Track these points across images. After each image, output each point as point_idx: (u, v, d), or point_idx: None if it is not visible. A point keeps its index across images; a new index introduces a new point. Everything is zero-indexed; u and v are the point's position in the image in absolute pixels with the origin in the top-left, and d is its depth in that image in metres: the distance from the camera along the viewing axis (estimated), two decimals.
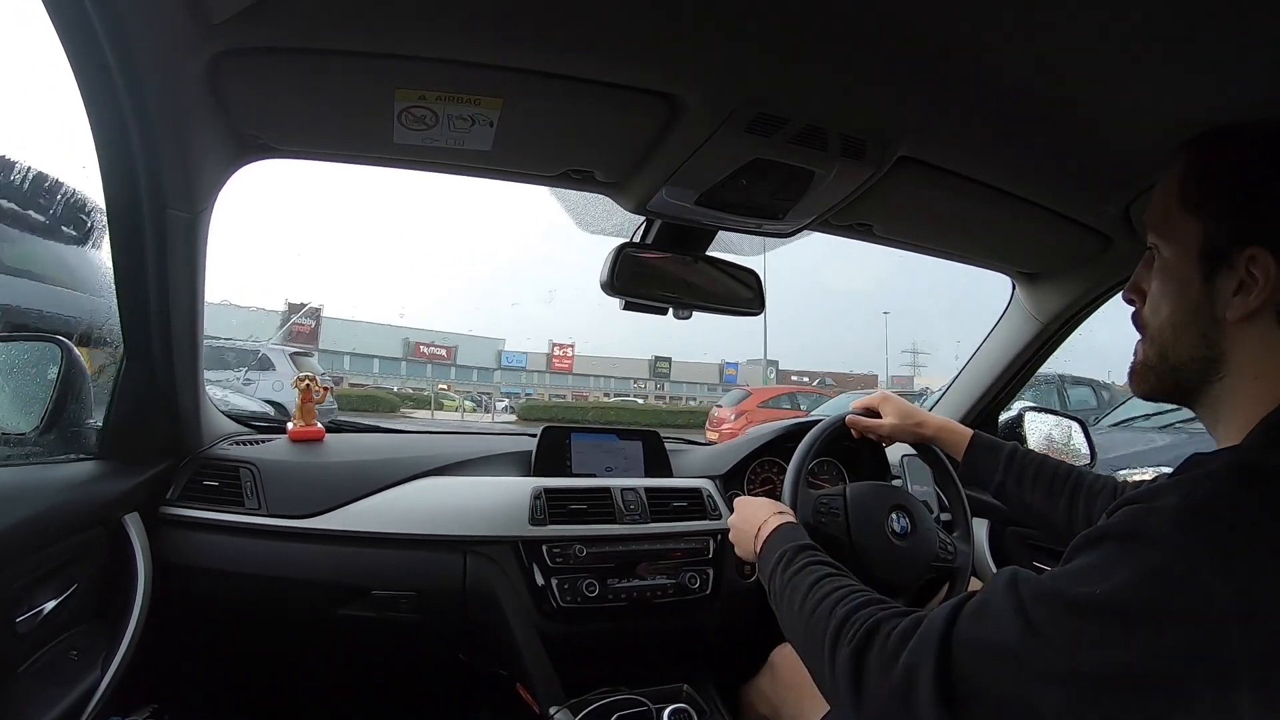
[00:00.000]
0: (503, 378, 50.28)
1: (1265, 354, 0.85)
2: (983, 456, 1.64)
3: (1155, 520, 0.75)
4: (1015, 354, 2.28)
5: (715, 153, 1.38)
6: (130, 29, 1.02)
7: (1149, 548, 0.74)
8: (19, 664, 1.30)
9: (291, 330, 27.62)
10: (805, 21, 1.05)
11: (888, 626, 0.95)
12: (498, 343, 54.31)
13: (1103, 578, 0.75)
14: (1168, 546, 0.73)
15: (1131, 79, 1.13)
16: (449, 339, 53.20)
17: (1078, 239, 1.77)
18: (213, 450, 1.88)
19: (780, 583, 1.23)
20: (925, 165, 1.48)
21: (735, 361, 57.33)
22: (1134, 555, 0.75)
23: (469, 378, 50.21)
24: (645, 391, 53.40)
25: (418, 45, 1.12)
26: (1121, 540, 0.77)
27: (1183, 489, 0.77)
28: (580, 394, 48.14)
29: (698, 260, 1.83)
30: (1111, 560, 0.76)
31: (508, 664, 1.86)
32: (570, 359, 52.48)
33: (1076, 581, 0.77)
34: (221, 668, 2.09)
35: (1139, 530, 0.76)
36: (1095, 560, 0.78)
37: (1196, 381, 0.91)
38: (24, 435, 1.52)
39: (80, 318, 3.49)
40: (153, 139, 1.22)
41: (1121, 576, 0.74)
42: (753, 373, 53.66)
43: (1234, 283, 0.85)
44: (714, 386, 55.06)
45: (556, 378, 53.22)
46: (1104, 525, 0.80)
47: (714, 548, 2.03)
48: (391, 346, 48.97)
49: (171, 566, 1.64)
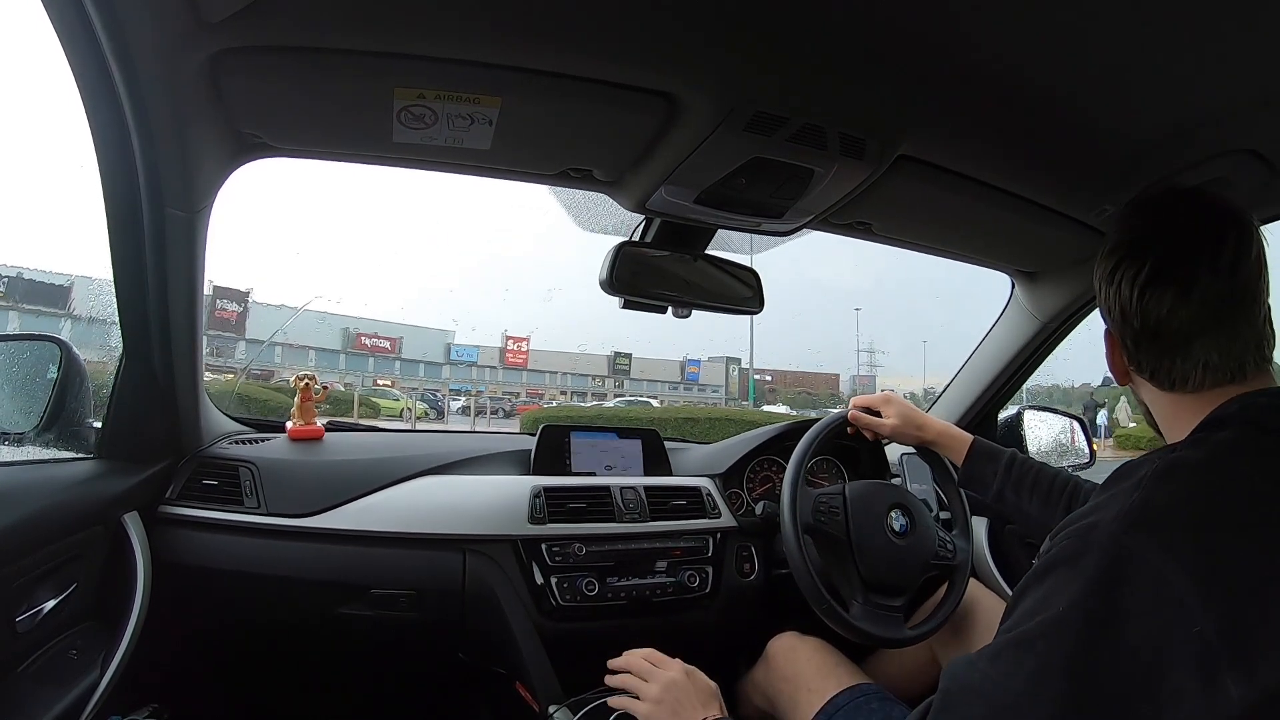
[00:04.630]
0: (452, 373, 47.56)
1: (1150, 397, 1.06)
2: (981, 463, 1.69)
3: (1098, 533, 0.80)
4: (1015, 352, 2.28)
5: (714, 151, 1.37)
6: (128, 28, 1.02)
7: (1097, 555, 0.78)
8: (18, 664, 1.30)
9: (214, 316, 26.50)
10: (803, 20, 1.05)
11: None
12: (447, 335, 50.79)
13: (1057, 599, 0.79)
14: (1115, 550, 0.78)
15: (1130, 78, 1.14)
16: (394, 330, 48.66)
17: (1077, 237, 1.77)
18: (212, 449, 1.88)
19: None
20: (924, 164, 1.48)
21: (698, 359, 56.83)
22: (1085, 567, 0.78)
23: (415, 372, 47.29)
24: (627, 392, 51.16)
25: (416, 44, 1.12)
26: (1069, 561, 0.81)
27: (1119, 498, 0.83)
28: (534, 391, 46.48)
29: (697, 259, 1.83)
30: (1063, 581, 0.80)
31: (507, 662, 1.85)
32: (525, 354, 49.84)
33: (1032, 616, 0.80)
34: (221, 666, 2.09)
35: (1083, 546, 0.81)
36: (1043, 592, 0.82)
37: (1155, 422, 1.07)
38: (23, 434, 1.53)
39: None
40: (151, 138, 1.22)
41: (1077, 590, 0.77)
42: (715, 370, 53.38)
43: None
44: (676, 384, 54.30)
45: (510, 374, 50.28)
46: (1043, 561, 0.85)
47: (713, 546, 2.03)
48: (329, 337, 44.20)
49: (171, 566, 1.64)
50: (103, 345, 1.72)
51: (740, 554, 2.07)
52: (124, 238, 1.40)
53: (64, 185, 78.26)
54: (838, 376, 63.32)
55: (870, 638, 1.62)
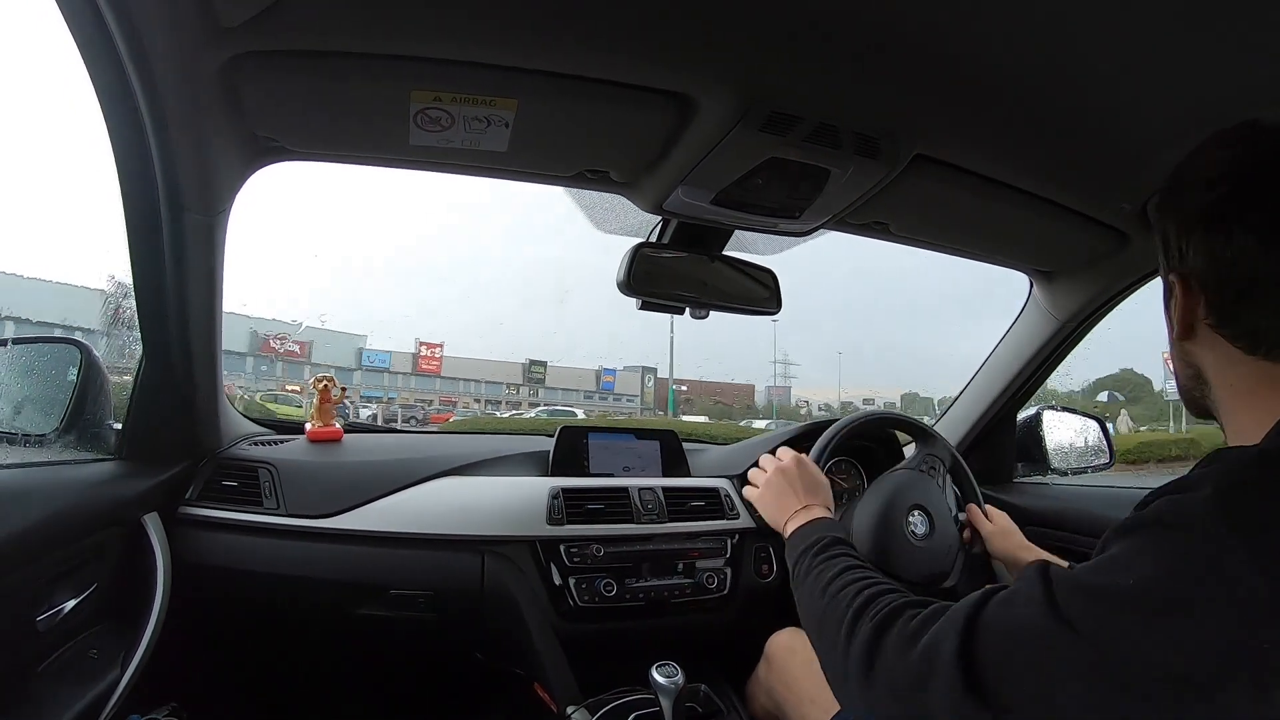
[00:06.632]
0: (364, 379, 45.15)
1: (1221, 362, 0.90)
2: None
3: (1188, 508, 0.74)
4: (1034, 352, 2.26)
5: (730, 152, 1.37)
6: (144, 33, 1.02)
7: (1181, 534, 0.73)
8: (39, 662, 1.31)
9: (115, 315, 26.18)
10: (817, 20, 1.04)
11: (913, 610, 0.95)
12: (359, 339, 48.08)
13: (1133, 567, 0.74)
14: (1200, 533, 0.72)
15: (1146, 75, 1.13)
16: (304, 333, 44.53)
17: (1095, 237, 1.76)
18: (231, 450, 1.90)
19: (808, 565, 1.23)
20: (941, 164, 1.47)
21: (613, 368, 54.97)
22: (1165, 543, 0.74)
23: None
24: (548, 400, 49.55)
25: (432, 47, 1.12)
26: (1153, 528, 0.76)
27: (1213, 478, 0.76)
28: (448, 398, 44.42)
29: (714, 260, 1.82)
30: (1143, 549, 0.75)
31: (525, 663, 1.86)
32: (438, 360, 47.78)
33: (1107, 572, 0.76)
34: (239, 666, 2.11)
35: (1171, 518, 0.75)
36: (1126, 549, 0.77)
37: (1200, 397, 0.95)
38: (44, 436, 1.54)
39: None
40: (169, 142, 1.23)
41: (1152, 565, 0.73)
42: (630, 379, 52.82)
43: (1174, 307, 0.93)
44: (591, 393, 53.53)
45: (423, 380, 47.88)
46: (1136, 515, 0.79)
47: (732, 547, 2.04)
48: (236, 339, 39.21)
49: (190, 566, 1.65)
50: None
51: (758, 555, 2.07)
52: (143, 242, 1.41)
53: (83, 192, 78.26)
54: (753, 387, 62.62)
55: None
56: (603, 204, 1.78)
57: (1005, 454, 2.49)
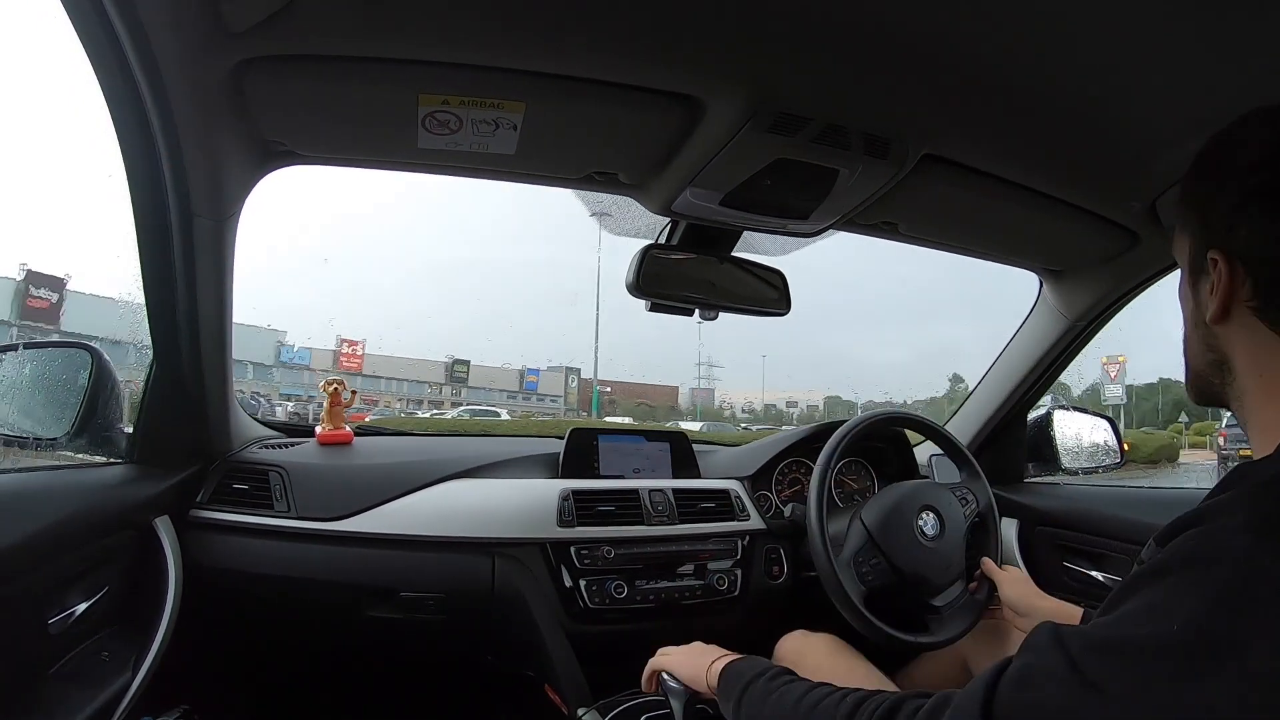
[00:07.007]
0: (282, 376, 42.59)
1: (1256, 350, 0.83)
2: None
3: (1222, 539, 0.69)
4: (1044, 351, 2.25)
5: (738, 153, 1.37)
6: (152, 39, 1.02)
7: (1221, 570, 0.66)
8: (50, 665, 1.32)
9: (25, 306, 25.85)
10: (824, 21, 1.04)
11: (912, 705, 0.87)
12: (277, 334, 45.46)
13: (1175, 613, 0.66)
14: (1244, 566, 0.66)
15: (1154, 73, 1.13)
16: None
17: (1105, 235, 1.75)
18: (242, 454, 1.90)
19: (763, 688, 1.11)
20: (950, 164, 1.47)
21: (536, 368, 53.17)
22: (1204, 580, 0.67)
23: (244, 374, 37.90)
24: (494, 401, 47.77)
25: (439, 50, 1.12)
26: (1186, 568, 0.69)
27: (1245, 503, 0.71)
28: (370, 398, 43.84)
29: (723, 261, 1.82)
30: (1181, 592, 0.67)
31: (535, 665, 1.86)
32: (360, 358, 46.28)
33: (1140, 623, 0.69)
34: (251, 668, 2.11)
35: (1205, 553, 0.69)
36: (1158, 596, 0.69)
37: (1218, 386, 0.89)
38: (55, 440, 1.54)
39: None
40: (178, 146, 1.23)
41: (1194, 606, 0.65)
42: (554, 380, 52.44)
43: (1209, 287, 0.85)
44: (514, 394, 52.88)
45: (344, 378, 45.93)
46: (1162, 557, 0.72)
47: (742, 549, 2.04)
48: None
49: (202, 569, 1.66)
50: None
51: (769, 556, 2.07)
52: (153, 245, 1.41)
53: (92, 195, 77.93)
54: (677, 389, 62.17)
55: (900, 642, 1.60)
56: (611, 206, 1.78)
57: (1016, 454, 2.47)
